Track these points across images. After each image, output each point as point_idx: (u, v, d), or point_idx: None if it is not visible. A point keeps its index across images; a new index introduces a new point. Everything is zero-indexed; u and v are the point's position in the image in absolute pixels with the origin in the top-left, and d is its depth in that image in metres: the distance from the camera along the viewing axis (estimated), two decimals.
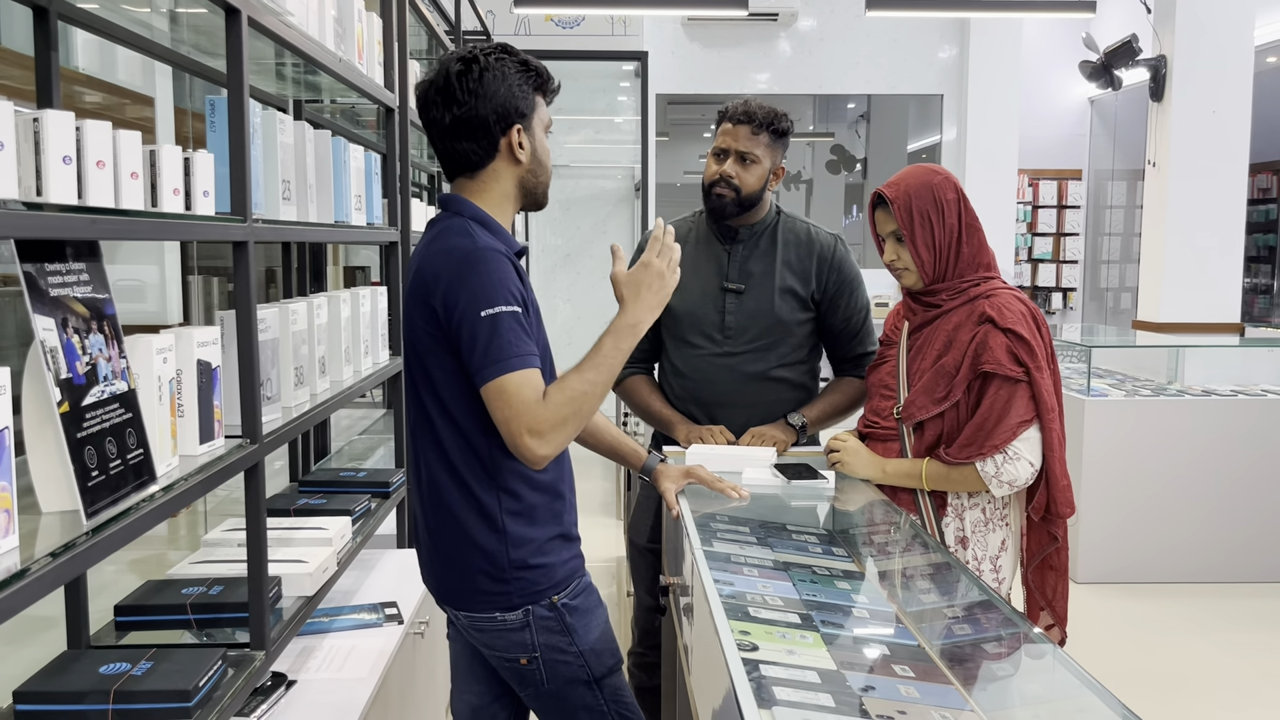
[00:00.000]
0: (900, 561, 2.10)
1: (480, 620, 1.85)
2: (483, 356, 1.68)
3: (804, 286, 2.56)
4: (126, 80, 3.41)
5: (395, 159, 2.98)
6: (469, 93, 1.77)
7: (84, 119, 1.32)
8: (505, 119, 1.80)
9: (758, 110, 2.47)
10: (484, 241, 1.75)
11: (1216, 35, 6.28)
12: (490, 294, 1.70)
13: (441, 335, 1.74)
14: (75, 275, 1.38)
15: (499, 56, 1.81)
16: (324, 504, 2.58)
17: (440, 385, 1.78)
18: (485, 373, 1.68)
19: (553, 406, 1.69)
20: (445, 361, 1.76)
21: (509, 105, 1.80)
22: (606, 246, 8.35)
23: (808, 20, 8.31)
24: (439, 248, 1.77)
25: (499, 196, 1.86)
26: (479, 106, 1.78)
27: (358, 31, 2.57)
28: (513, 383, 1.67)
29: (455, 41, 4.40)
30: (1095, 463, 4.68)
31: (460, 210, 1.84)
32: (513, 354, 1.68)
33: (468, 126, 1.80)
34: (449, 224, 1.82)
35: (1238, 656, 3.96)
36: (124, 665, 1.65)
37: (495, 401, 1.68)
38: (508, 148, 1.82)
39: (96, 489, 1.33)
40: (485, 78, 1.77)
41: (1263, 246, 8.12)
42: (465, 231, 1.77)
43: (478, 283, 1.70)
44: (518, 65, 1.82)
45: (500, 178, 1.85)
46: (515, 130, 1.81)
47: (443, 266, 1.74)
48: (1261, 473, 4.72)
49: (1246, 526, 4.73)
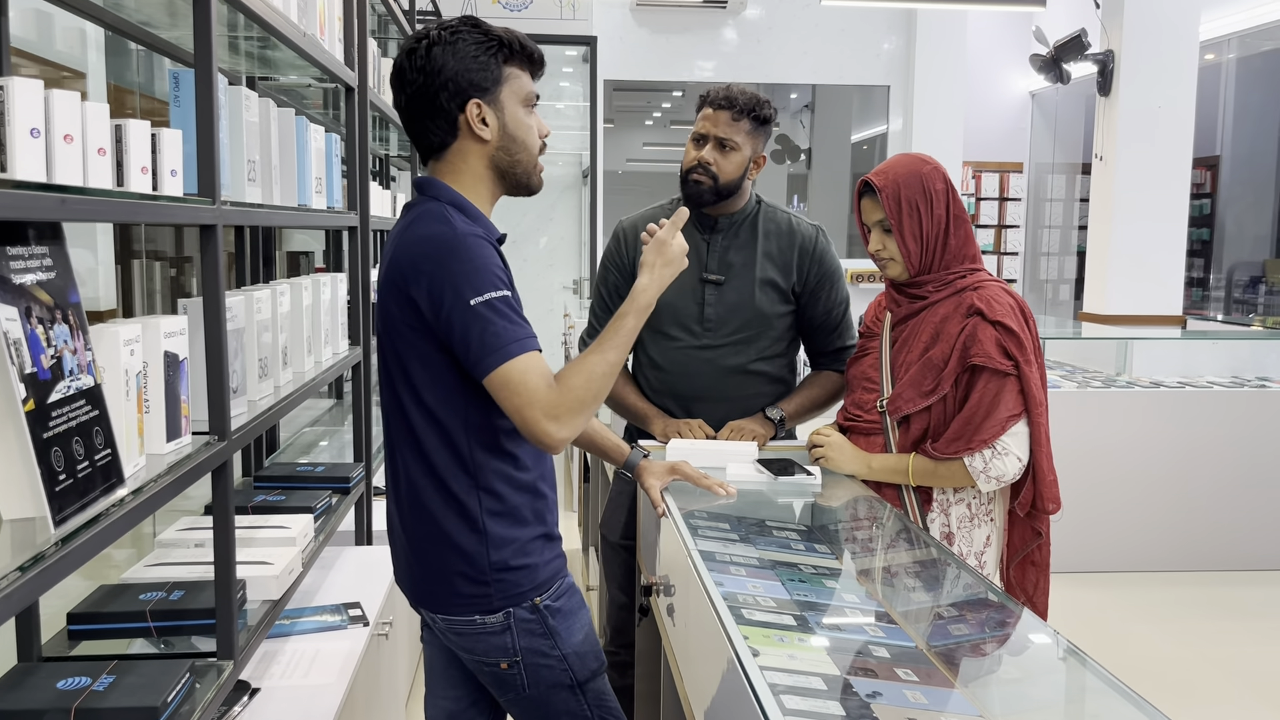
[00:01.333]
0: (890, 558, 2.06)
1: (459, 623, 1.77)
2: (480, 347, 1.59)
3: (785, 278, 2.50)
4: (63, 53, 3.22)
5: (355, 140, 2.86)
6: (417, 70, 1.69)
7: (50, 89, 1.20)
8: (460, 94, 1.70)
9: (739, 96, 2.39)
10: (462, 227, 1.66)
11: (1163, 31, 6.38)
12: (476, 281, 1.61)
13: (423, 329, 1.65)
14: (38, 260, 1.27)
15: (455, 30, 1.71)
16: (283, 500, 2.47)
17: (419, 381, 1.69)
18: (486, 363, 1.59)
19: (571, 389, 1.62)
20: (426, 355, 1.67)
21: (462, 79, 1.69)
22: (553, 234, 8.25)
23: (756, 9, 8.27)
24: (415, 235, 1.67)
25: (471, 178, 1.76)
26: (427, 83, 1.69)
27: (319, 6, 2.45)
28: (517, 369, 1.59)
29: (409, 21, 4.27)
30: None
31: (436, 194, 1.74)
32: (511, 339, 1.59)
33: (420, 103, 1.71)
34: (425, 209, 1.71)
35: (1188, 646, 4.03)
36: (84, 680, 1.53)
37: (502, 391, 1.60)
38: (467, 124, 1.72)
39: (63, 494, 1.22)
40: (434, 52, 1.69)
41: (1196, 240, 8.29)
42: (442, 217, 1.67)
43: (461, 270, 1.61)
44: (478, 37, 1.71)
45: (468, 157, 1.74)
46: (473, 104, 1.71)
47: (421, 256, 1.64)
48: (1210, 463, 4.80)
49: (1196, 516, 4.81)
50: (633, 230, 2.58)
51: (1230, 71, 7.94)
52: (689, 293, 2.49)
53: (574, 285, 8.23)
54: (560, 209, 8.23)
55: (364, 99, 2.94)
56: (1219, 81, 7.96)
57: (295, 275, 3.57)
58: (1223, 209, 8.17)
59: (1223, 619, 4.31)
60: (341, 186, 2.80)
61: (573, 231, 8.31)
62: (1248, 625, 4.25)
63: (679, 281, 2.48)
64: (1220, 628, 4.21)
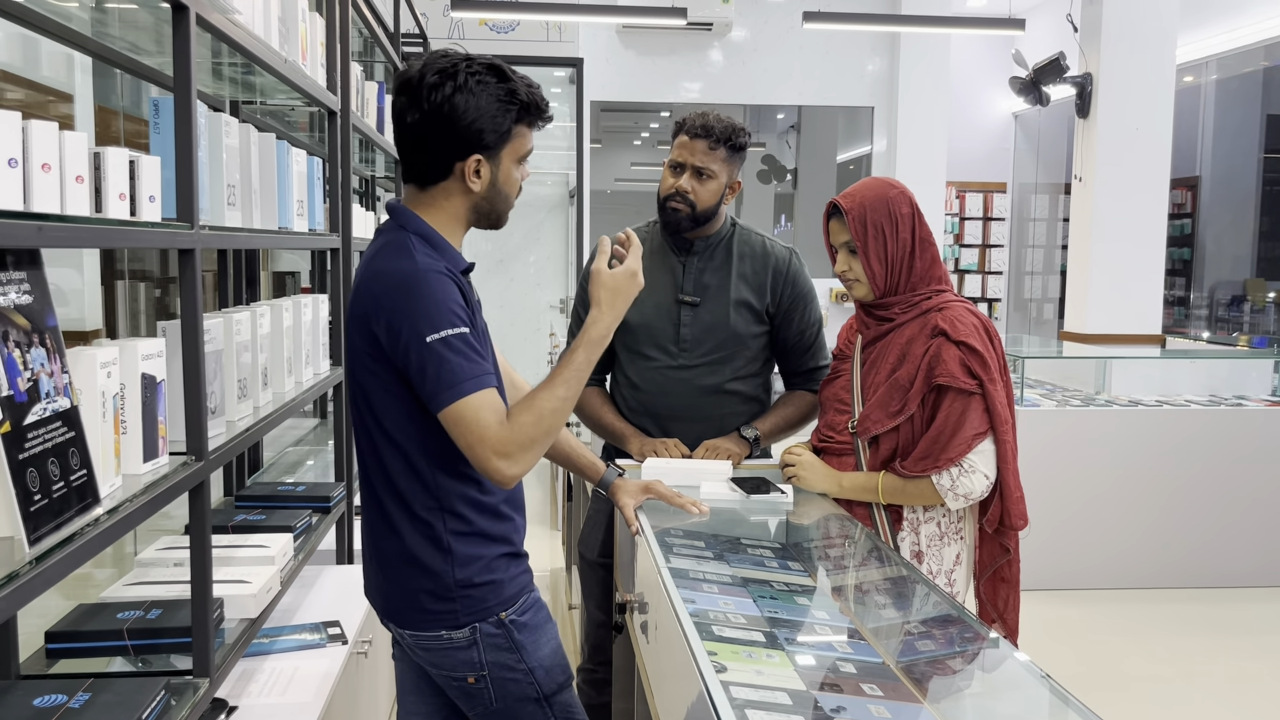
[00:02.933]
0: (859, 575, 2.09)
1: (426, 639, 1.79)
2: (435, 383, 1.62)
3: (759, 299, 2.55)
4: (50, 77, 3.25)
5: (337, 164, 2.90)
6: (434, 107, 1.67)
7: (29, 119, 1.23)
8: (465, 146, 1.70)
9: (715, 124, 2.44)
10: (424, 263, 1.67)
11: (1140, 54, 6.47)
12: (434, 318, 1.63)
13: (383, 360, 1.68)
14: (15, 284, 1.30)
15: (482, 79, 1.68)
16: (263, 520, 2.49)
17: (379, 407, 1.72)
18: (439, 399, 1.62)
19: (520, 427, 1.64)
20: (387, 385, 1.70)
21: (473, 133, 1.69)
22: (540, 254, 8.28)
23: (741, 31, 8.35)
24: (377, 269, 1.70)
25: (447, 216, 1.77)
26: (441, 126, 1.68)
27: (301, 32, 2.49)
28: (470, 406, 1.61)
29: (394, 45, 4.31)
30: (1027, 471, 4.69)
31: (404, 223, 1.75)
32: (465, 377, 1.62)
33: (425, 142, 1.71)
34: (391, 239, 1.73)
35: (1166, 662, 4.06)
36: (60, 697, 1.55)
37: (455, 428, 1.63)
38: (462, 173, 1.73)
39: (39, 514, 1.25)
40: (456, 99, 1.66)
41: (1177, 260, 8.37)
42: (405, 250, 1.69)
43: (419, 308, 1.63)
44: (501, 92, 1.70)
45: (451, 197, 1.76)
46: (474, 159, 1.71)
47: (381, 291, 1.66)
48: (1187, 481, 4.85)
49: (1174, 534, 4.86)
50: None
51: (1209, 93, 8.03)
52: (665, 314, 2.53)
53: (560, 304, 8.27)
54: (547, 228, 8.27)
55: (346, 123, 2.98)
56: (1198, 103, 8.05)
57: (282, 295, 3.60)
58: (1203, 229, 8.25)
59: (1200, 635, 4.35)
60: (324, 209, 2.83)
61: (559, 251, 8.35)
62: (1224, 642, 4.29)
63: (656, 303, 2.53)
64: (1197, 644, 4.25)
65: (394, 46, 4.29)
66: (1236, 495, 4.87)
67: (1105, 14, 6.53)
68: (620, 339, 2.58)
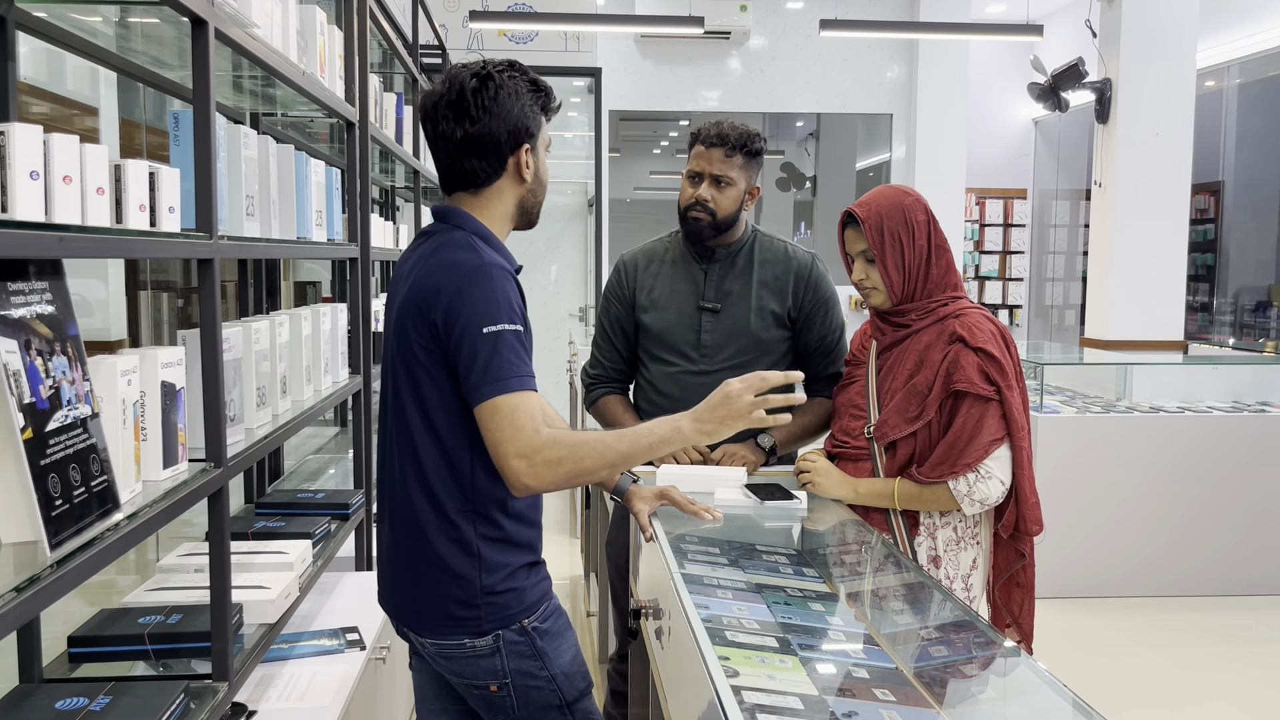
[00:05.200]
0: (874, 582, 2.09)
1: (448, 647, 1.80)
2: (481, 374, 1.64)
3: (780, 304, 2.57)
4: (75, 91, 3.31)
5: (356, 174, 2.93)
6: (483, 109, 1.74)
7: (50, 133, 1.26)
8: (516, 138, 1.78)
9: (730, 132, 2.46)
10: (489, 257, 1.72)
11: (1160, 59, 6.44)
12: (493, 310, 1.66)
13: (438, 351, 1.70)
14: (38, 294, 1.32)
15: (511, 75, 1.78)
16: (283, 526, 2.52)
17: (429, 402, 1.73)
18: (482, 391, 1.64)
19: (559, 443, 1.64)
20: (439, 378, 1.71)
21: (520, 124, 1.77)
22: (559, 263, 8.32)
23: (759, 39, 8.37)
24: (441, 260, 1.72)
25: (499, 215, 1.83)
26: (493, 124, 1.75)
27: (319, 44, 2.52)
28: (508, 404, 1.63)
29: (413, 56, 4.35)
30: (1047, 479, 4.70)
31: (460, 224, 1.80)
32: (511, 374, 1.64)
33: (479, 144, 1.76)
34: (451, 236, 1.77)
35: (1187, 671, 4.03)
36: (81, 700, 1.58)
37: (489, 421, 1.64)
38: (515, 167, 1.80)
39: (60, 519, 1.27)
40: (500, 95, 1.75)
41: (1200, 265, 8.31)
42: (469, 246, 1.73)
43: (481, 298, 1.66)
44: (529, 84, 1.79)
45: (504, 195, 1.82)
46: (524, 150, 1.79)
47: (445, 280, 1.69)
48: (1210, 488, 4.81)
49: (1196, 542, 4.82)
50: (632, 264, 2.68)
51: (1232, 98, 7.98)
52: (687, 320, 2.56)
53: (580, 313, 8.30)
54: (567, 237, 8.31)
55: (365, 134, 3.01)
56: (1221, 108, 8.00)
57: (303, 304, 3.64)
58: (1227, 234, 8.19)
59: (1221, 644, 4.31)
60: (343, 219, 2.86)
61: (579, 260, 8.38)
62: (1246, 650, 4.25)
63: (678, 309, 2.57)
64: (1220, 653, 4.21)
65: (413, 58, 4.33)
66: (1260, 502, 4.82)
67: (1124, 19, 6.50)
68: (643, 345, 2.64)
